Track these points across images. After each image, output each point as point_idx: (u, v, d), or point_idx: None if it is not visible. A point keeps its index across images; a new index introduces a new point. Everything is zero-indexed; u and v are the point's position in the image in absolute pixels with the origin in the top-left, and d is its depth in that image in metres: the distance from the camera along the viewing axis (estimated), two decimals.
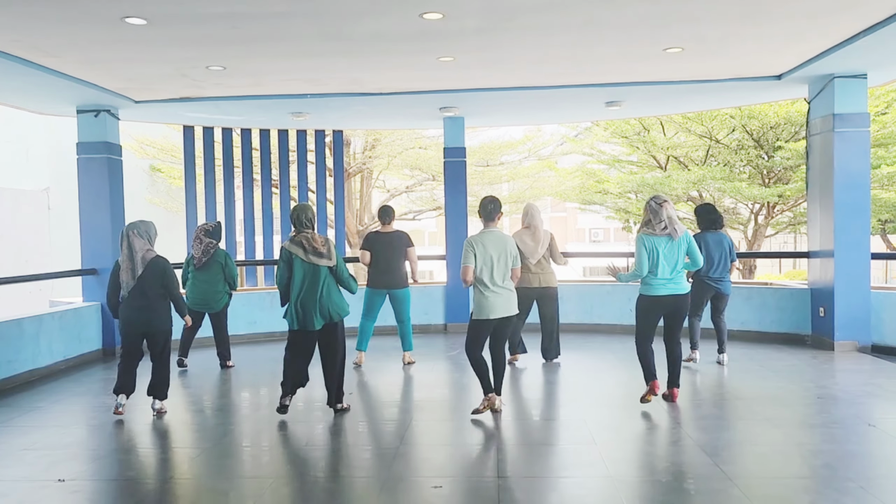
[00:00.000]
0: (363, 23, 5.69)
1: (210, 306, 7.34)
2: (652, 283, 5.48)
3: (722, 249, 6.88)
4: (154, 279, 5.43)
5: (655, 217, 5.44)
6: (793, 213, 16.11)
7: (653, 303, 5.52)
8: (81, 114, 8.43)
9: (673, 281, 5.46)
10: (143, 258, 5.41)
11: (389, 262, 7.20)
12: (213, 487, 4.25)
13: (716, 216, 7.00)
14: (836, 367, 7.00)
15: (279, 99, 8.36)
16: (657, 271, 5.43)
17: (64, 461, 4.66)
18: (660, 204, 5.44)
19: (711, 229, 6.95)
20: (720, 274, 6.89)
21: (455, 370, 7.36)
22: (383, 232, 7.34)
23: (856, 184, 7.67)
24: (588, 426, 5.15)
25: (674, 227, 5.41)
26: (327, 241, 5.38)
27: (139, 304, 5.42)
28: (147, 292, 5.42)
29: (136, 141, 16.78)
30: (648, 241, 5.44)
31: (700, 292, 6.90)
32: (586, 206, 19.69)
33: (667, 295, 5.47)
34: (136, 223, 5.53)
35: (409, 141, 17.21)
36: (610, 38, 6.26)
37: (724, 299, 7.03)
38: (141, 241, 5.45)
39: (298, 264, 5.32)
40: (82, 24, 5.52)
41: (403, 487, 4.09)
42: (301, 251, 5.30)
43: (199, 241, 7.27)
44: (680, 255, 5.46)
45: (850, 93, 7.60)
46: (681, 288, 5.50)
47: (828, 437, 4.81)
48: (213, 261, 7.25)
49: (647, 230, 5.48)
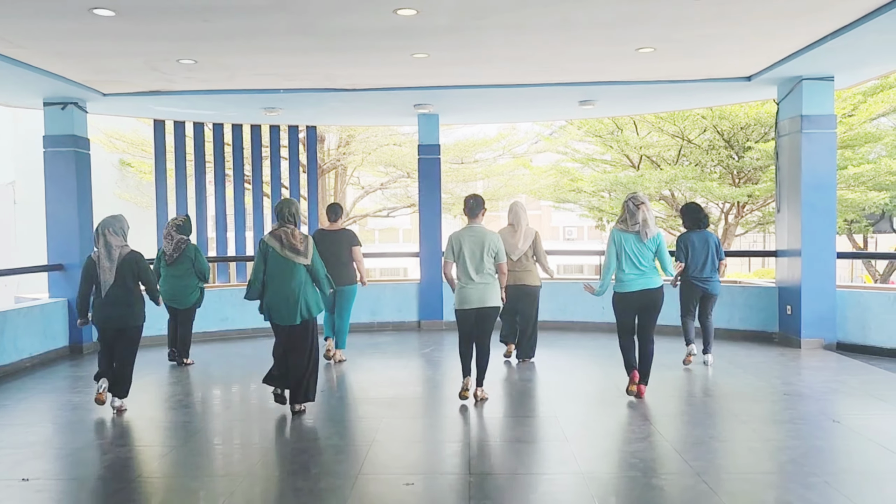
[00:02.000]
0: (336, 18, 5.65)
1: (179, 301, 7.25)
2: (623, 280, 5.65)
3: (708, 248, 6.84)
4: (131, 274, 5.47)
5: (632, 217, 5.62)
6: (762, 212, 16.38)
7: (625, 298, 5.68)
8: (48, 106, 8.25)
9: (643, 276, 5.61)
10: (120, 255, 5.44)
11: (335, 260, 6.94)
12: (183, 486, 4.20)
13: (700, 216, 6.98)
14: (802, 365, 7.13)
15: (252, 94, 8.27)
16: (625, 266, 5.61)
17: (29, 460, 4.57)
18: (637, 206, 5.62)
19: (696, 229, 6.92)
20: (707, 274, 6.84)
21: (428, 367, 7.37)
22: (329, 230, 7.25)
23: (823, 184, 7.81)
24: (560, 423, 5.18)
25: (645, 230, 5.57)
26: (306, 239, 5.38)
27: (116, 302, 5.43)
28: (124, 288, 5.44)
29: (105, 135, 16.50)
30: (618, 237, 5.64)
31: (688, 293, 6.94)
32: (560, 204, 19.81)
33: (637, 290, 5.61)
34: (109, 220, 5.53)
35: (383, 138, 17.16)
36: (583, 38, 6.30)
37: (713, 299, 6.99)
38: (117, 239, 5.48)
39: (273, 257, 5.32)
40: (49, 14, 5.40)
41: (375, 484, 4.08)
42: (278, 245, 5.31)
43: (170, 237, 7.20)
44: (646, 253, 5.62)
45: (817, 95, 7.74)
46: (652, 282, 5.63)
47: (794, 433, 4.91)
48: (184, 256, 7.18)
49: (621, 226, 5.68)
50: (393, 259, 22.88)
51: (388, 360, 7.62)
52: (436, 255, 9.74)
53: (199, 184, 10.14)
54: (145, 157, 16.77)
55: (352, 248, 7.16)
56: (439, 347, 8.33)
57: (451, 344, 8.41)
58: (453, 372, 6.91)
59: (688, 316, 7.02)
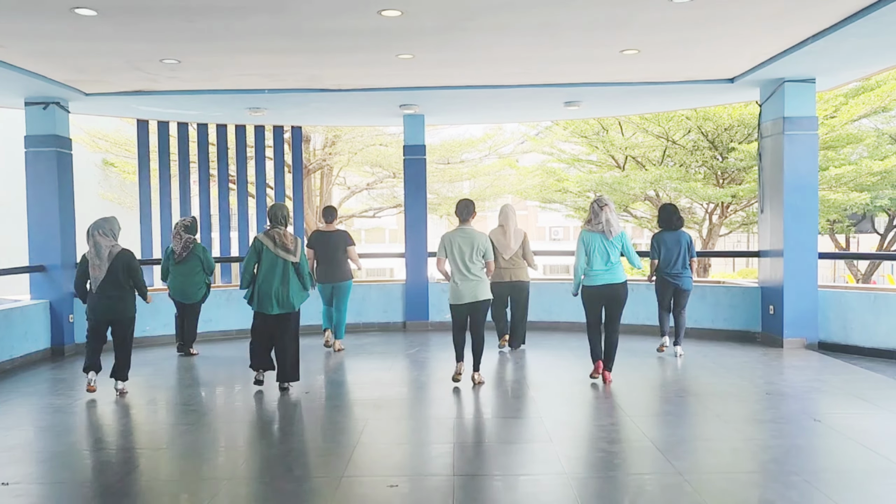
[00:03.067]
0: (321, 19, 5.63)
1: (188, 296, 7.74)
2: (590, 275, 6.18)
3: (679, 247, 7.30)
4: (121, 271, 5.93)
5: (595, 218, 6.17)
6: (745, 213, 16.50)
7: (592, 292, 6.20)
8: (29, 106, 8.16)
9: (609, 272, 6.13)
10: (111, 253, 5.89)
11: (332, 258, 7.76)
12: (166, 489, 4.17)
13: (673, 217, 7.42)
14: (784, 364, 7.19)
15: (236, 94, 8.23)
16: (593, 264, 6.13)
17: (9, 464, 4.52)
18: (601, 207, 6.16)
19: (669, 228, 7.39)
20: (678, 270, 7.30)
21: (414, 368, 7.36)
22: (325, 231, 7.89)
23: (804, 185, 7.88)
24: (545, 424, 5.20)
25: (609, 229, 6.08)
26: (296, 240, 6.09)
27: (108, 295, 5.92)
28: (115, 283, 5.92)
29: (87, 134, 16.33)
30: (587, 237, 6.18)
31: (662, 287, 7.46)
32: (546, 204, 19.86)
33: (603, 284, 6.14)
34: (100, 222, 5.99)
35: (369, 138, 17.11)
36: (568, 39, 6.32)
37: (685, 294, 7.42)
38: (106, 239, 5.93)
39: (266, 254, 6.00)
40: (30, 13, 5.35)
41: (359, 486, 4.08)
42: (271, 243, 5.99)
43: (178, 237, 7.67)
44: (612, 250, 6.12)
45: (799, 96, 7.81)
46: (616, 278, 6.15)
47: (776, 432, 4.95)
48: (192, 254, 7.68)
49: (587, 227, 6.23)
50: (379, 259, 22.82)
51: (374, 361, 7.61)
52: (421, 255, 9.73)
53: (184, 184, 10.06)
54: (129, 157, 16.62)
55: (347, 247, 7.82)
56: (425, 348, 8.33)
57: (436, 345, 8.43)
58: (439, 373, 6.92)
59: (663, 310, 7.56)
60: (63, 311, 8.23)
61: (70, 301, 8.28)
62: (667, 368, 7.01)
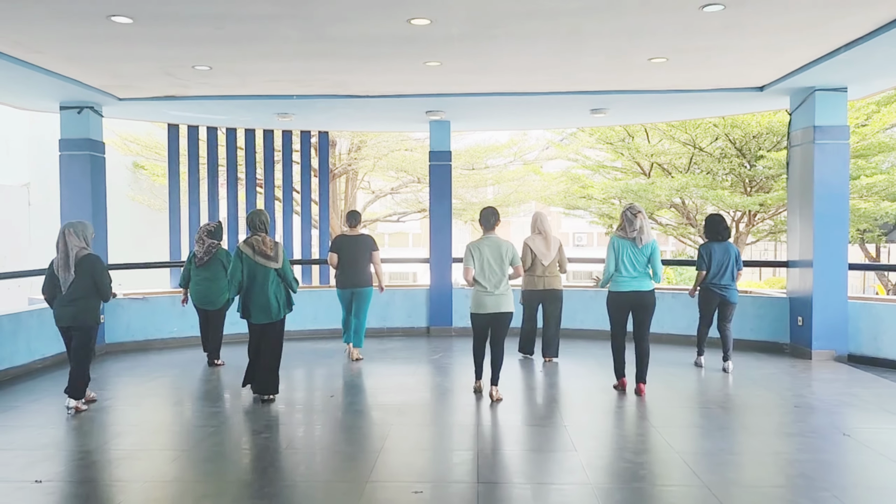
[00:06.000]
0: (350, 27, 5.69)
1: (212, 302, 7.53)
2: (617, 280, 6.14)
3: (728, 257, 7.07)
4: (85, 275, 5.68)
5: (630, 225, 6.11)
6: (773, 221, 16.29)
7: (618, 298, 6.16)
8: (64, 110, 8.35)
9: (636, 279, 6.08)
10: (77, 255, 5.67)
11: (355, 263, 7.59)
12: (192, 490, 4.22)
13: (720, 228, 7.16)
14: (813, 377, 7.09)
15: (265, 99, 8.34)
16: (622, 270, 6.09)
17: (41, 462, 4.61)
18: (634, 214, 6.11)
19: (717, 239, 7.15)
20: (726, 281, 7.08)
21: (437, 374, 7.38)
22: (349, 235, 7.72)
23: (835, 195, 7.78)
24: (570, 432, 5.18)
25: (641, 237, 6.04)
26: (276, 245, 5.99)
27: (70, 299, 5.69)
28: (77, 288, 5.68)
29: (119, 137, 16.62)
30: (617, 242, 6.14)
31: (707, 299, 7.20)
32: (570, 210, 19.79)
33: (630, 291, 6.09)
34: (74, 223, 5.83)
35: (395, 143, 17.19)
36: (595, 48, 6.31)
37: (731, 307, 7.18)
38: (76, 240, 5.71)
39: (246, 262, 5.92)
40: (68, 21, 5.47)
41: (384, 491, 4.10)
42: (250, 251, 5.91)
43: (201, 241, 7.51)
44: (641, 258, 6.07)
45: (830, 105, 7.72)
46: (644, 286, 6.10)
47: (804, 446, 4.88)
48: (215, 259, 7.49)
49: (619, 233, 6.18)
50: (401, 263, 22.91)
51: (398, 366, 7.63)
52: (446, 261, 9.76)
53: (212, 187, 10.22)
54: (158, 160, 16.87)
55: (371, 252, 7.64)
56: (448, 354, 8.34)
57: (460, 350, 8.43)
58: (462, 379, 6.93)
59: (704, 325, 7.31)
60: None
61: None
62: (692, 379, 6.95)
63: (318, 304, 9.51)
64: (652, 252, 6.08)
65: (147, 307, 8.87)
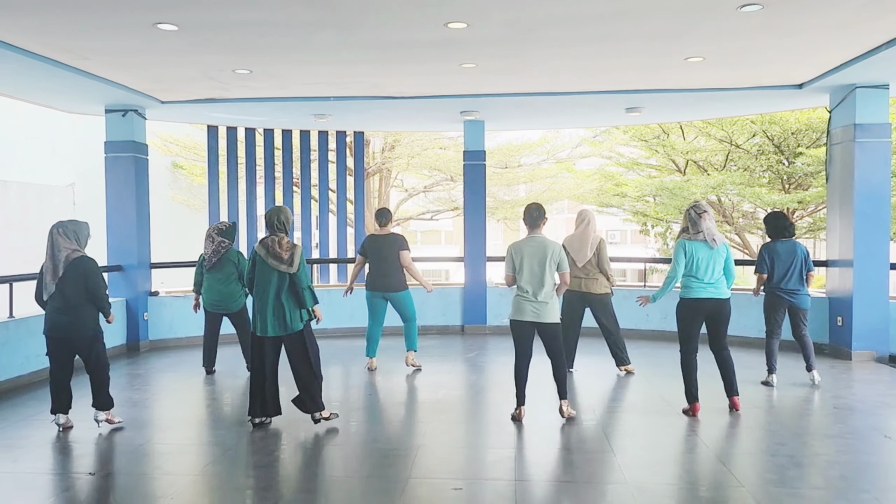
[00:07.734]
0: (389, 32, 5.78)
1: (227, 307, 7.07)
2: (692, 286, 5.49)
3: (795, 258, 6.37)
4: (77, 281, 5.06)
5: (694, 227, 5.51)
6: (812, 218, 16.02)
7: (693, 306, 5.51)
8: (109, 113, 8.61)
9: (713, 285, 5.47)
10: (67, 258, 5.05)
11: (385, 264, 7.07)
12: (238, 484, 4.36)
13: (784, 223, 6.49)
14: (853, 377, 7.00)
15: (302, 101, 8.49)
16: (697, 274, 5.46)
17: (93, 455, 4.81)
18: (699, 214, 5.50)
19: (781, 237, 6.48)
20: (794, 286, 6.39)
21: (472, 372, 7.45)
22: (379, 234, 7.20)
23: (876, 194, 7.66)
24: (606, 432, 5.22)
25: (713, 237, 5.45)
26: (293, 248, 5.23)
27: (58, 308, 5.07)
28: (69, 295, 5.05)
29: (159, 138, 17.00)
30: (689, 246, 5.48)
31: (773, 306, 6.49)
32: (604, 208, 19.68)
33: (707, 298, 5.46)
34: (65, 222, 5.18)
35: (428, 141, 17.29)
36: (630, 49, 6.31)
37: (802, 314, 6.49)
38: (66, 241, 5.09)
39: (259, 265, 5.24)
40: (115, 29, 5.66)
41: (424, 488, 4.18)
42: (264, 252, 5.22)
43: (210, 239, 7.00)
44: (718, 261, 5.47)
45: (871, 103, 7.59)
46: (721, 293, 5.50)
47: (844, 447, 4.85)
48: (226, 260, 6.96)
49: (687, 235, 5.54)
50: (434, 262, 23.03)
51: (433, 364, 7.72)
52: (480, 259, 9.82)
53: (250, 187, 10.43)
54: (197, 161, 17.23)
55: (399, 251, 7.06)
56: (483, 352, 8.41)
57: (494, 349, 8.50)
58: (497, 376, 6.99)
59: (773, 336, 6.53)
60: (138, 308, 8.64)
61: (145, 300, 8.71)
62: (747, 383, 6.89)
63: (353, 303, 9.61)
64: (728, 256, 5.51)
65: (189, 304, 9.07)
